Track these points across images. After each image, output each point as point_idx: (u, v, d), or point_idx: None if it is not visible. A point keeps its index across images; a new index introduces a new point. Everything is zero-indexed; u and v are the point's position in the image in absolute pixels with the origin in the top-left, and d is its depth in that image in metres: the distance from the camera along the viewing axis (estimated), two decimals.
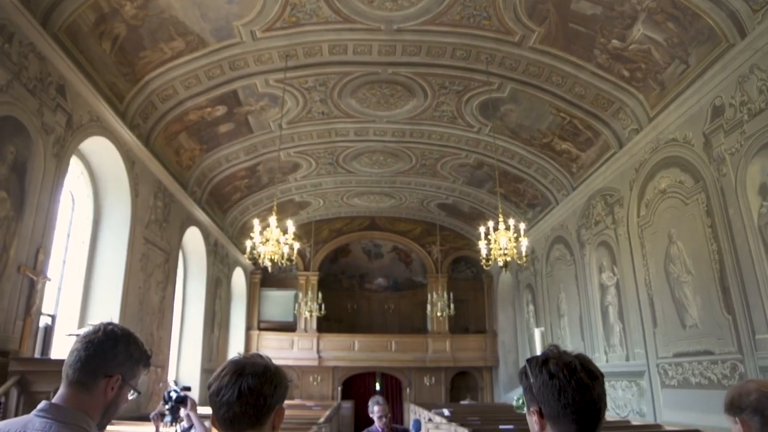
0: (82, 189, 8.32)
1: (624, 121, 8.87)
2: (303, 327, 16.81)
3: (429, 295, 16.27)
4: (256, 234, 7.81)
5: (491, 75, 8.90)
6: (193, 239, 12.18)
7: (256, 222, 8.01)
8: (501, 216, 8.08)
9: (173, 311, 10.64)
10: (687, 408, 7.49)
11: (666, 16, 6.77)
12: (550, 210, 12.49)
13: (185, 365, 12.06)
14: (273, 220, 7.83)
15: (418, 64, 8.93)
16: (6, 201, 5.59)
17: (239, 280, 16.42)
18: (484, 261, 7.99)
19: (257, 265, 11.56)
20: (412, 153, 12.54)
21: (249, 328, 16.59)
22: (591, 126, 9.44)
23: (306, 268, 17.45)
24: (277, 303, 17.13)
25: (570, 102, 9.07)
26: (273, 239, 7.74)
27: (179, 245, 11.16)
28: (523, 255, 7.97)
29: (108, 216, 8.51)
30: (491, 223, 8.04)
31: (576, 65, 8.28)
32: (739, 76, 6.46)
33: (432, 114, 10.65)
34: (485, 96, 9.57)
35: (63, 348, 6.85)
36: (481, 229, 8.10)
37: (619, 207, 9.48)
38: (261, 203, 14.09)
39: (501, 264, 7.92)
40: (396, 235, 18.05)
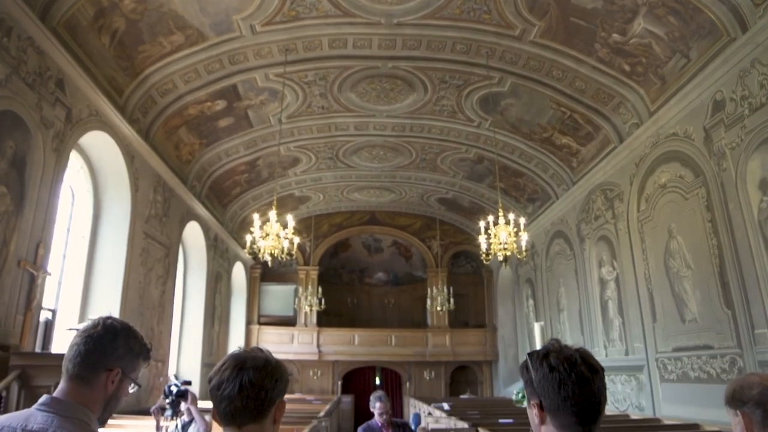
0: (81, 183, 8.31)
1: (624, 116, 8.85)
2: (303, 321, 16.84)
3: (429, 290, 16.27)
4: (256, 228, 7.80)
5: (491, 69, 8.88)
6: (193, 234, 12.18)
7: (256, 216, 8.00)
8: (501, 210, 8.07)
9: (173, 306, 10.66)
10: (686, 402, 7.52)
11: (667, 10, 6.75)
12: (550, 205, 12.49)
13: (185, 359, 12.09)
14: (273, 214, 7.83)
15: (418, 58, 8.91)
16: (6, 196, 5.59)
17: (239, 274, 16.44)
18: (484, 255, 7.99)
19: (257, 260, 11.54)
20: (412, 147, 12.53)
21: (249, 322, 16.62)
22: (591, 120, 9.42)
23: (306, 262, 17.46)
24: (277, 297, 17.15)
25: (570, 96, 9.05)
26: (273, 234, 7.73)
27: (179, 240, 11.16)
28: (523, 249, 7.97)
29: (108, 210, 8.51)
30: (491, 218, 8.04)
31: (576, 59, 8.26)
32: (740, 70, 6.45)
33: (432, 108, 10.63)
34: (485, 90, 9.55)
35: (63, 342, 6.86)
36: (481, 224, 8.10)
37: (619, 202, 9.48)
38: (261, 198, 14.08)
39: (501, 258, 7.92)
40: (396, 230, 18.06)
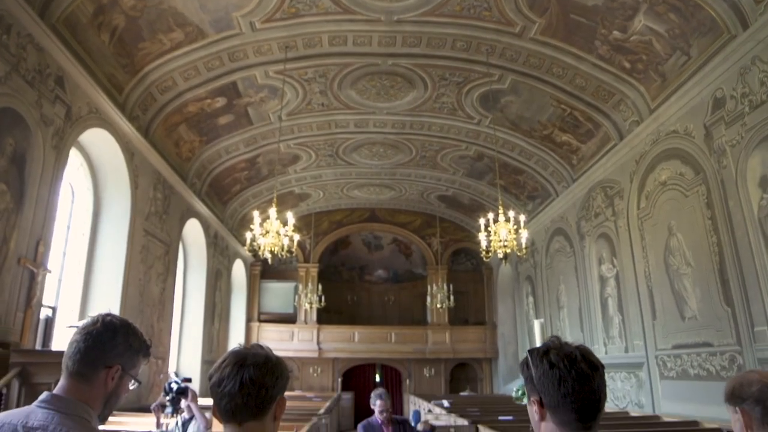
0: (81, 181, 8.31)
1: (625, 113, 8.84)
2: (303, 319, 16.86)
3: (429, 287, 16.27)
4: (256, 226, 7.80)
5: (491, 66, 8.87)
6: (193, 231, 12.18)
7: (256, 214, 8.00)
8: (501, 208, 8.07)
9: (173, 303, 10.67)
10: (685, 399, 7.53)
11: (668, 7, 6.73)
12: (550, 202, 12.48)
13: (186, 357, 12.10)
14: (273, 211, 7.82)
15: (418, 55, 8.89)
16: (6, 193, 5.59)
17: (239, 271, 16.44)
18: (484, 253, 8.00)
19: (257, 257, 11.56)
20: (412, 145, 12.52)
21: (249, 319, 16.64)
22: (591, 118, 9.41)
23: (306, 259, 17.47)
24: (277, 295, 17.16)
25: (570, 94, 9.04)
26: (273, 231, 7.74)
27: (179, 237, 11.17)
28: (523, 247, 7.97)
29: (108, 208, 8.51)
30: (491, 215, 8.04)
31: (577, 57, 8.25)
32: (741, 67, 6.44)
33: (432, 105, 10.62)
34: (485, 87, 9.54)
35: (64, 340, 6.87)
36: (481, 221, 8.10)
37: (619, 199, 9.48)
38: (261, 195, 14.08)
39: (501, 256, 7.92)
40: (396, 227, 18.06)
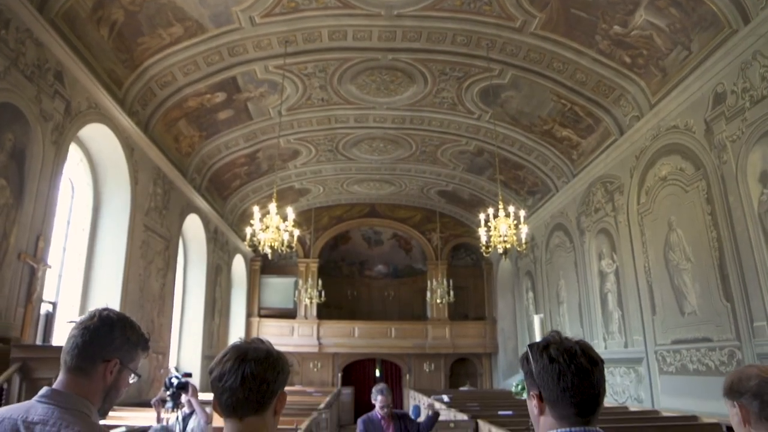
0: (81, 176, 8.31)
1: (625, 108, 8.83)
2: (303, 314, 16.88)
3: (429, 282, 16.30)
4: (256, 221, 7.80)
5: (492, 61, 8.85)
6: (193, 226, 12.18)
7: (256, 209, 8.00)
8: (501, 203, 8.07)
9: (174, 298, 10.68)
10: (684, 394, 7.55)
11: (668, 1, 6.70)
12: (550, 197, 12.48)
13: (186, 352, 12.12)
14: (273, 207, 7.82)
15: (418, 50, 8.87)
16: (5, 188, 5.59)
17: (239, 267, 16.46)
18: (483, 248, 7.99)
19: (257, 252, 11.57)
20: (412, 140, 12.50)
21: (249, 315, 16.65)
22: (592, 113, 9.40)
23: (306, 255, 17.48)
24: (278, 290, 17.17)
25: (571, 89, 9.02)
26: (273, 226, 7.74)
27: (179, 232, 11.17)
28: (523, 242, 7.97)
29: (108, 203, 8.50)
30: (491, 210, 8.03)
31: (577, 51, 8.23)
32: (742, 62, 6.42)
33: (432, 100, 10.60)
34: (486, 82, 9.52)
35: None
36: (481, 216, 8.09)
37: (619, 194, 9.48)
38: (261, 190, 14.07)
39: (501, 251, 7.92)
40: (396, 222, 18.06)
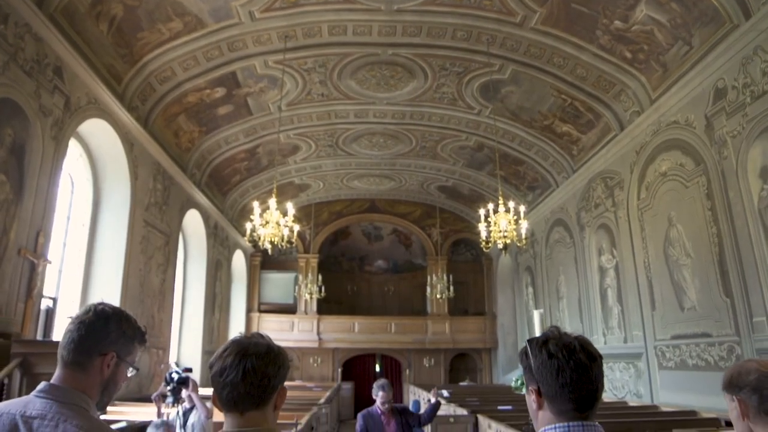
0: (81, 171, 8.30)
1: (625, 103, 8.81)
2: (303, 309, 16.91)
3: (429, 278, 16.31)
4: (256, 216, 7.80)
5: (492, 56, 8.82)
6: (193, 222, 12.19)
7: (255, 204, 8.00)
8: (501, 198, 8.07)
9: (174, 293, 10.69)
10: (684, 389, 7.57)
11: None
12: (550, 193, 12.48)
13: (186, 347, 12.15)
14: (273, 202, 7.82)
15: (418, 45, 8.84)
16: (5, 184, 5.58)
17: (239, 262, 16.47)
18: (483, 243, 8.00)
19: (257, 248, 11.57)
20: (412, 135, 12.49)
21: (249, 310, 16.69)
22: (592, 108, 9.38)
23: (306, 250, 17.49)
24: (278, 285, 17.19)
25: (571, 84, 9.00)
26: (273, 221, 7.74)
27: (179, 228, 11.17)
28: (523, 237, 7.98)
29: (107, 198, 8.50)
30: (491, 206, 8.04)
31: (578, 46, 8.20)
32: (743, 57, 6.40)
33: (432, 96, 10.58)
34: (486, 78, 9.49)
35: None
36: (481, 212, 8.10)
37: (620, 190, 9.47)
38: (261, 185, 14.06)
39: (501, 246, 7.93)
40: (396, 218, 18.06)
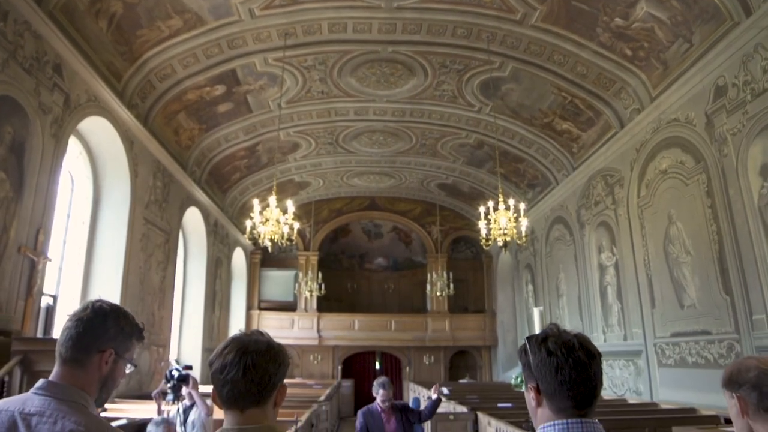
0: (81, 169, 8.29)
1: (626, 101, 8.80)
2: (303, 306, 16.92)
3: (429, 275, 16.32)
4: (255, 214, 7.80)
5: (492, 54, 8.81)
6: (193, 219, 12.19)
7: (255, 202, 8.01)
8: (501, 196, 8.07)
9: (174, 291, 10.70)
10: (683, 387, 7.58)
11: None
12: (550, 190, 12.48)
13: (186, 344, 12.16)
14: (273, 200, 7.82)
15: (418, 42, 8.83)
16: (5, 182, 5.58)
17: (239, 260, 16.47)
18: (483, 241, 8.00)
19: (257, 245, 11.57)
20: (412, 132, 12.48)
21: (249, 307, 16.70)
22: (592, 106, 9.37)
23: (306, 247, 17.50)
24: (278, 283, 17.21)
25: (571, 81, 8.99)
26: (273, 219, 7.74)
27: (179, 225, 11.17)
28: (523, 235, 7.98)
29: (107, 196, 8.50)
30: (491, 203, 8.04)
31: (578, 44, 8.19)
32: (744, 55, 6.39)
33: (432, 93, 10.57)
34: (486, 75, 9.48)
35: None
36: (481, 209, 8.09)
37: (620, 187, 9.47)
38: (261, 183, 14.06)
39: (501, 244, 7.93)
40: (396, 215, 18.06)
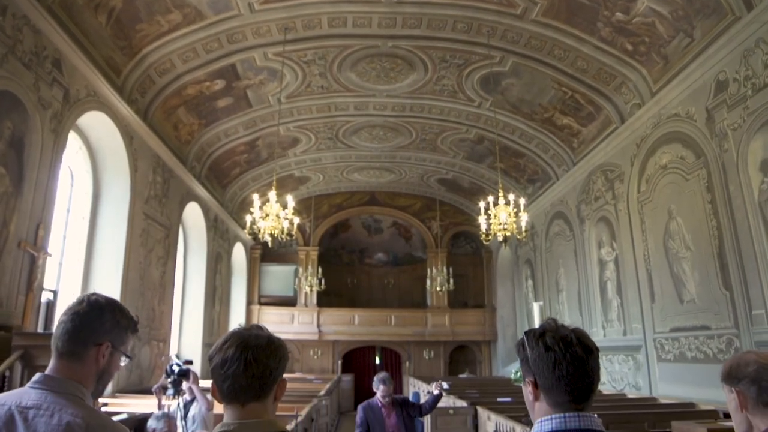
0: (80, 164, 8.28)
1: (626, 96, 8.78)
2: (303, 302, 16.94)
3: (428, 270, 16.33)
4: (255, 209, 7.80)
5: (492, 48, 8.78)
6: (193, 214, 12.19)
7: (255, 197, 8.00)
8: (501, 191, 8.06)
9: (174, 286, 10.71)
10: (682, 382, 7.60)
11: None
12: (550, 185, 12.47)
13: (187, 339, 12.19)
14: (273, 195, 7.82)
15: (418, 37, 8.80)
16: (5, 177, 5.58)
17: (239, 255, 16.48)
18: (483, 236, 8.01)
19: (257, 240, 11.56)
20: (412, 127, 12.46)
21: (250, 302, 16.72)
22: (593, 101, 9.35)
23: (306, 243, 17.50)
24: (278, 278, 17.22)
25: (572, 76, 8.97)
26: (273, 214, 7.74)
27: (179, 220, 11.17)
28: (523, 230, 7.98)
29: (107, 191, 8.49)
30: (491, 198, 8.04)
31: (579, 38, 8.16)
32: (745, 50, 6.37)
33: (432, 88, 10.54)
34: (486, 70, 9.46)
35: None
36: (481, 204, 8.10)
37: (620, 182, 9.46)
38: (260, 178, 14.05)
39: (500, 239, 7.94)
40: (396, 210, 18.06)
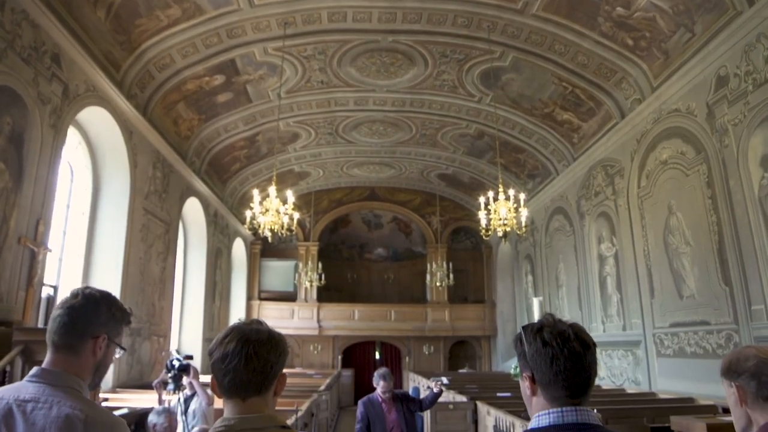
0: (80, 160, 8.28)
1: (627, 91, 8.77)
2: (303, 297, 16.97)
3: (428, 265, 16.36)
4: (255, 204, 7.80)
5: (493, 43, 8.76)
6: (193, 210, 12.19)
7: (255, 192, 8.00)
8: (501, 186, 8.06)
9: (174, 281, 10.72)
10: (681, 377, 7.62)
11: None
12: (550, 181, 12.46)
13: (187, 334, 12.22)
14: (272, 190, 7.82)
15: (418, 31, 8.78)
16: (4, 172, 5.57)
17: (239, 250, 16.50)
18: (483, 231, 8.01)
19: (257, 236, 11.58)
20: (412, 123, 12.44)
21: (250, 298, 16.75)
22: (593, 96, 9.33)
23: (306, 238, 17.51)
24: (278, 273, 17.24)
25: (572, 71, 8.95)
26: (273, 209, 7.74)
27: (179, 216, 11.17)
28: (523, 225, 7.98)
29: (107, 187, 8.49)
30: (491, 194, 8.03)
31: (579, 33, 8.14)
32: (746, 45, 6.35)
33: (432, 83, 10.52)
34: (486, 65, 9.44)
35: None
36: (481, 200, 8.09)
37: (620, 178, 9.46)
38: (260, 173, 14.05)
39: (500, 234, 7.94)
40: (396, 206, 18.06)
